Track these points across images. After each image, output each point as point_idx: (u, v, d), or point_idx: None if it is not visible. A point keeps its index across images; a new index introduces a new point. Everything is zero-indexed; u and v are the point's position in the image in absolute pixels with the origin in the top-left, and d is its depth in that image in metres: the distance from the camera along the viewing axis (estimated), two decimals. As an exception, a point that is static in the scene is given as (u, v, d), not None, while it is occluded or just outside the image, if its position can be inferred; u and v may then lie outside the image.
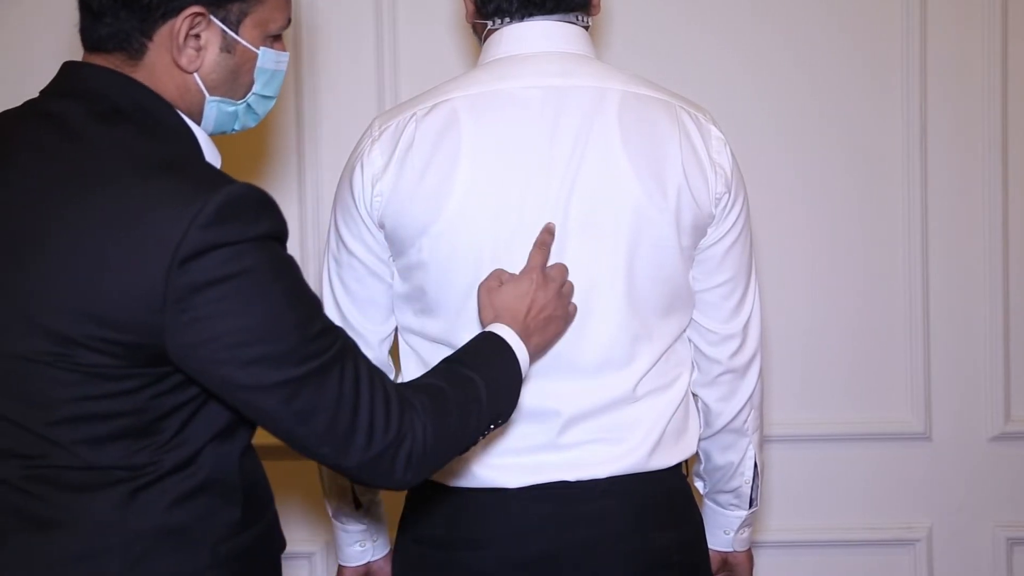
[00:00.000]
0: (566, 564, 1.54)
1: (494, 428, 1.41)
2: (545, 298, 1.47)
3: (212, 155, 1.31)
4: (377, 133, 1.55)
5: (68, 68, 1.29)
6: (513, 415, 1.52)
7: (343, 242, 1.58)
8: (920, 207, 2.32)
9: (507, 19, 1.56)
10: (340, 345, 1.23)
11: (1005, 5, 2.30)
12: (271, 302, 1.17)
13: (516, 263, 1.50)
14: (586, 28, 1.59)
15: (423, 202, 1.50)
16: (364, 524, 1.72)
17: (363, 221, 1.55)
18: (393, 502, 1.76)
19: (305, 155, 2.30)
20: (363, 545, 1.73)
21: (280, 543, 1.39)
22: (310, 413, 1.20)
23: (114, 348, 1.16)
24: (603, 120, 1.51)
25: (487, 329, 1.44)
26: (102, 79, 1.25)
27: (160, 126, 1.25)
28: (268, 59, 1.34)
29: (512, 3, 1.55)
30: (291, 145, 2.30)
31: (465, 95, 1.53)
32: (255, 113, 1.38)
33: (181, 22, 1.24)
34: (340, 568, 1.75)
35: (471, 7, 1.60)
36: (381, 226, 1.54)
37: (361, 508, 1.70)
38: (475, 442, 1.38)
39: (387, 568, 1.73)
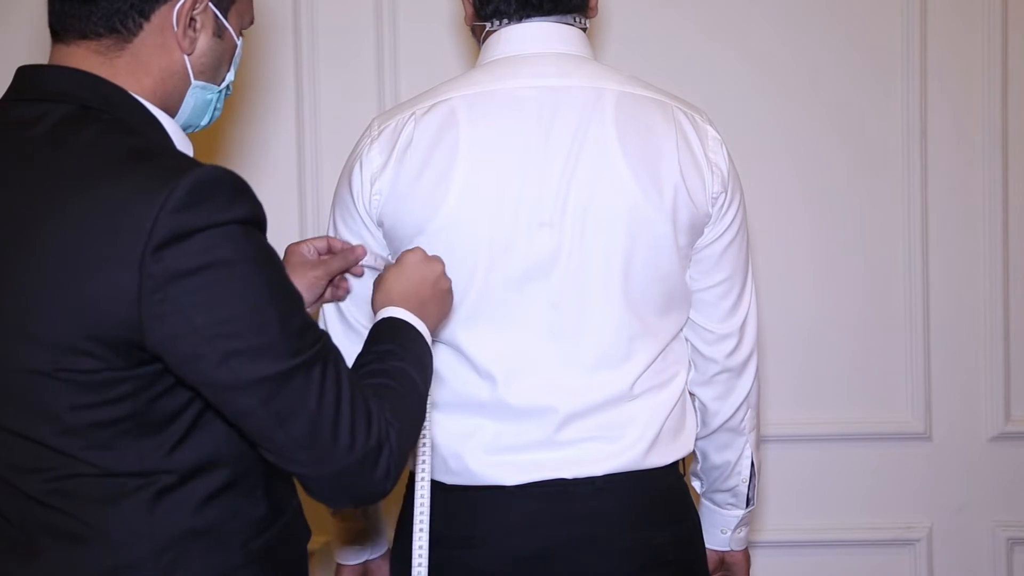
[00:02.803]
0: (563, 561, 1.54)
1: None
2: (432, 272, 1.43)
3: (183, 145, 1.29)
4: (376, 132, 1.56)
5: (26, 72, 1.26)
6: (510, 412, 1.53)
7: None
8: (920, 207, 2.32)
9: (505, 21, 1.57)
10: (322, 345, 1.19)
11: (1005, 5, 2.30)
12: (252, 294, 1.12)
13: (512, 262, 1.50)
14: (583, 29, 1.60)
15: (421, 201, 1.51)
16: (362, 523, 1.72)
17: (362, 219, 1.55)
18: (391, 500, 1.76)
19: (305, 155, 2.30)
20: (361, 544, 1.73)
21: (306, 533, 1.36)
22: (290, 414, 1.14)
23: (101, 349, 1.13)
24: (599, 120, 1.51)
25: (382, 316, 1.38)
26: (65, 79, 1.22)
27: (130, 121, 1.23)
28: (239, 52, 1.35)
29: (510, 5, 1.55)
30: (291, 145, 2.31)
31: (463, 95, 1.53)
32: (219, 108, 1.37)
33: (189, 3, 1.24)
34: (338, 566, 1.76)
35: (470, 9, 1.60)
36: (380, 224, 1.55)
37: (360, 506, 1.70)
38: None
39: (385, 567, 1.74)
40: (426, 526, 1.44)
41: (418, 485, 1.45)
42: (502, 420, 1.53)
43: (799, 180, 2.32)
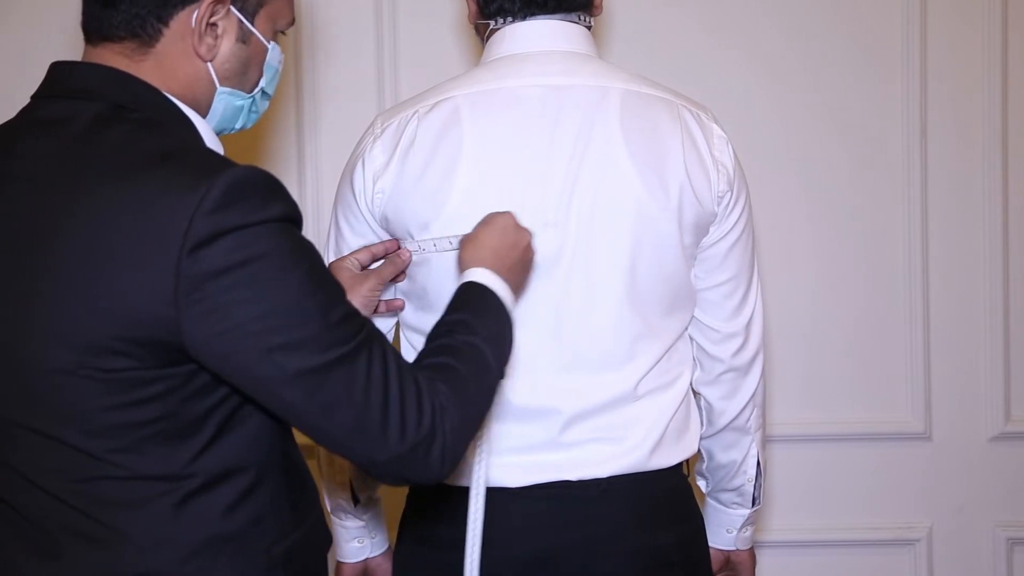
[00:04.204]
0: (567, 564, 1.54)
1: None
2: (522, 238, 1.41)
3: (214, 146, 1.29)
4: (379, 130, 1.56)
5: (59, 69, 1.26)
6: (514, 414, 1.52)
7: (345, 239, 1.58)
8: (920, 207, 2.32)
9: (509, 19, 1.56)
10: (366, 333, 1.17)
11: (1005, 5, 2.30)
12: (291, 287, 1.11)
13: (517, 262, 1.49)
14: (588, 28, 1.59)
15: (424, 199, 1.50)
16: (362, 521, 1.72)
17: (365, 218, 1.55)
18: (393, 501, 1.76)
19: (305, 155, 2.30)
20: (361, 542, 1.73)
21: (327, 539, 1.36)
22: (336, 405, 1.14)
23: (134, 349, 1.12)
24: (604, 118, 1.51)
25: (470, 279, 1.35)
26: (98, 77, 1.22)
27: (161, 119, 1.22)
28: (275, 55, 1.33)
29: (514, 3, 1.55)
30: (291, 145, 2.30)
31: (467, 93, 1.53)
32: (255, 111, 1.36)
33: (205, 8, 1.23)
34: (338, 565, 1.75)
35: (474, 7, 1.60)
36: (383, 222, 1.54)
37: (359, 505, 1.70)
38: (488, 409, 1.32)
39: (385, 565, 1.73)
40: (478, 531, 1.43)
41: (473, 485, 1.43)
42: (506, 421, 1.53)
43: (799, 179, 2.32)
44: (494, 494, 1.54)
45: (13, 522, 1.23)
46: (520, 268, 1.41)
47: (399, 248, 1.55)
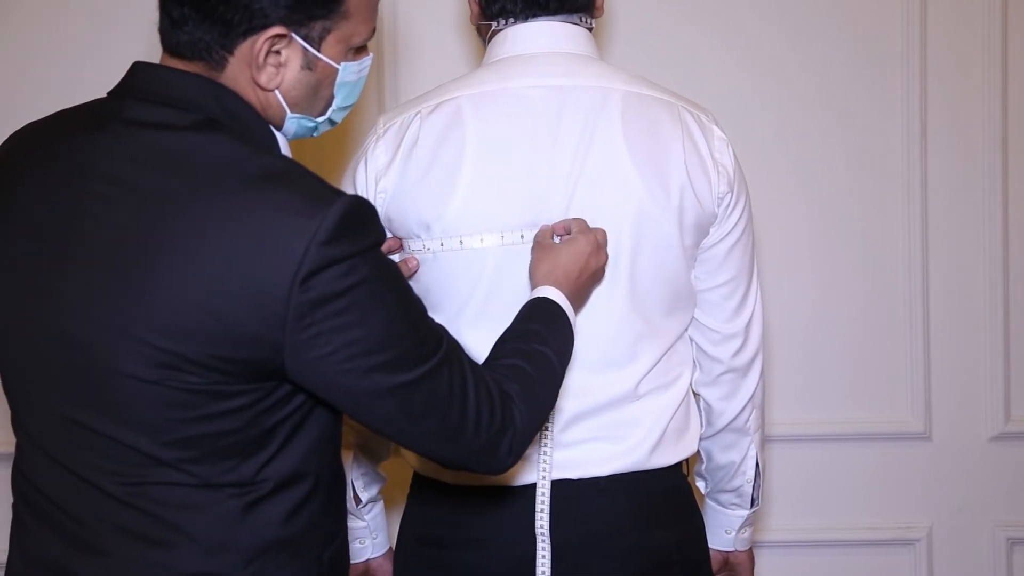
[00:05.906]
0: (567, 563, 1.54)
1: None
2: (597, 263, 1.47)
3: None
4: (382, 130, 1.56)
5: (146, 71, 1.23)
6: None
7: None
8: (920, 207, 2.32)
9: (511, 20, 1.56)
10: (446, 345, 1.24)
11: (1005, 5, 2.30)
12: (387, 310, 1.16)
13: (519, 263, 1.50)
14: (590, 29, 1.60)
15: (427, 199, 1.51)
16: (364, 521, 1.72)
17: (366, 218, 1.55)
18: (394, 501, 1.76)
19: (305, 155, 2.29)
20: (362, 542, 1.73)
21: (348, 547, 1.38)
22: (423, 413, 1.21)
23: (228, 365, 1.13)
24: (606, 120, 1.51)
25: (541, 295, 1.42)
26: (193, 87, 1.20)
27: (253, 135, 1.22)
28: (349, 72, 1.30)
29: (516, 4, 1.55)
30: (290, 145, 2.30)
31: (469, 94, 1.53)
32: (333, 123, 1.36)
33: (262, 42, 1.20)
34: (341, 566, 1.76)
35: (475, 8, 1.60)
36: (386, 222, 1.54)
37: (362, 505, 1.70)
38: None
39: (386, 566, 1.74)
40: (547, 529, 1.51)
41: (539, 484, 1.50)
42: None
43: (799, 180, 2.32)
44: (494, 493, 1.55)
45: (54, 518, 1.23)
46: (585, 291, 1.49)
47: (400, 246, 1.55)
